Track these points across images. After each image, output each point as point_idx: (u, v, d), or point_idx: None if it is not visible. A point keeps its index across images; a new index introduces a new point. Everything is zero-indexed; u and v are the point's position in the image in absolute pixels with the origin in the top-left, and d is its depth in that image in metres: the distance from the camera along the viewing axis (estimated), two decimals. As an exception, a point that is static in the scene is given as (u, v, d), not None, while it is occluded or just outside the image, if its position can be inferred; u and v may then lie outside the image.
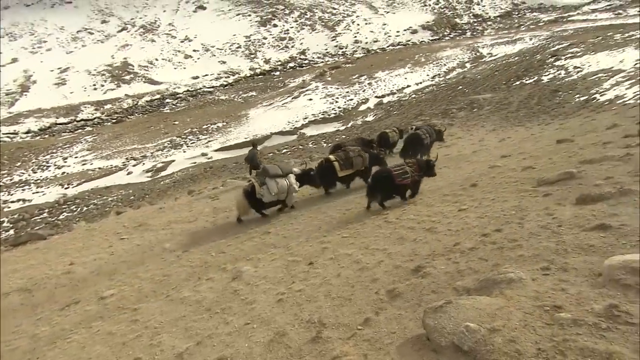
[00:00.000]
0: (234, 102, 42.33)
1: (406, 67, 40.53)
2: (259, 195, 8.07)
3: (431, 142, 11.20)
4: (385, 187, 6.52)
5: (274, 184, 8.04)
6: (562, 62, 27.32)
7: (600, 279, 2.40)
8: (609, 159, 5.77)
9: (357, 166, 8.93)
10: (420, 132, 10.96)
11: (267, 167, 8.42)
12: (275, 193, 8.07)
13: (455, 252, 3.68)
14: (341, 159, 8.72)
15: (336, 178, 8.90)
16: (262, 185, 8.06)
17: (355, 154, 8.92)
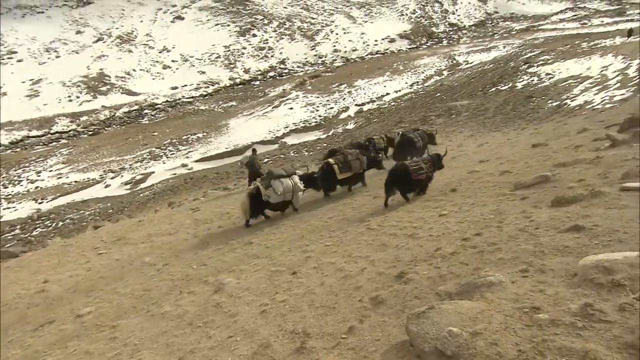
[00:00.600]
0: (214, 112, 42.05)
1: (385, 76, 41.14)
2: (266, 197, 8.25)
3: (424, 145, 11.46)
4: (402, 182, 6.72)
5: (279, 184, 8.26)
6: (534, 69, 28.24)
7: (575, 279, 2.46)
8: (581, 162, 5.96)
9: (356, 169, 9.22)
10: (412, 135, 11.28)
11: (271, 169, 8.75)
12: (282, 193, 8.26)
13: (436, 257, 3.72)
14: (340, 163, 8.97)
15: (336, 181, 9.16)
16: (268, 188, 8.24)
17: (354, 158, 9.20)
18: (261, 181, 8.62)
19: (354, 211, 7.30)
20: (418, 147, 11.12)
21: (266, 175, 8.65)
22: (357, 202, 8.00)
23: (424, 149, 11.38)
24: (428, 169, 6.79)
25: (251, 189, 8.61)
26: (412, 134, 11.37)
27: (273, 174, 8.43)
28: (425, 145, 11.57)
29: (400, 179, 6.71)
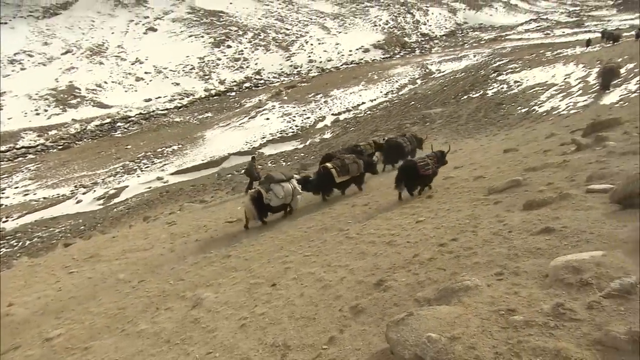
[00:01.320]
0: (189, 124, 41.52)
1: (360, 85, 41.73)
2: (267, 200, 8.45)
3: (412, 149, 11.95)
4: (411, 178, 7.09)
5: (280, 188, 8.53)
6: (503, 77, 29.26)
7: (547, 279, 2.53)
8: (549, 166, 6.19)
9: (353, 172, 9.43)
10: (401, 140, 11.84)
11: (271, 174, 8.98)
12: (282, 196, 8.53)
13: (414, 263, 3.76)
14: (338, 166, 9.18)
15: (334, 184, 9.35)
16: (268, 192, 8.47)
17: (351, 161, 9.42)
18: (261, 185, 8.81)
19: (333, 220, 7.31)
20: (406, 151, 11.66)
21: (266, 180, 8.85)
22: (336, 211, 8.01)
23: (413, 152, 11.93)
24: (433, 165, 7.21)
25: (253, 193, 8.78)
26: (400, 139, 11.91)
27: (273, 179, 8.65)
28: (414, 149, 12.12)
29: (409, 175, 7.07)
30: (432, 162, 7.16)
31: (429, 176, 7.21)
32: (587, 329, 1.90)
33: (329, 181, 9.24)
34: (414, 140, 12.36)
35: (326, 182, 9.29)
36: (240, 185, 19.64)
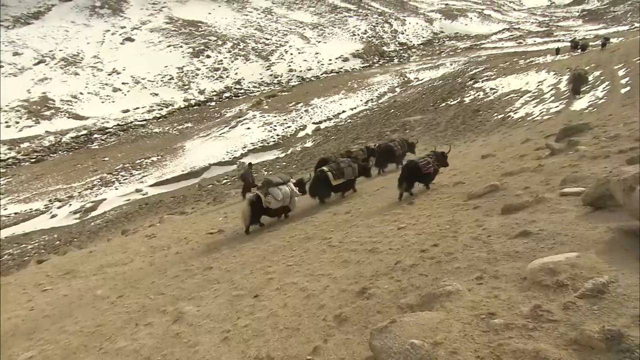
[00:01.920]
0: (168, 135, 40.96)
1: (340, 94, 42.10)
2: (266, 204, 8.64)
3: (403, 153, 12.56)
4: (413, 176, 7.42)
5: (278, 191, 8.72)
6: (480, 85, 30.04)
7: (525, 282, 2.58)
8: (526, 171, 6.35)
9: (349, 175, 9.71)
10: (392, 144, 12.43)
11: (269, 177, 9.18)
12: (281, 199, 8.72)
13: (397, 270, 3.77)
14: (334, 170, 9.42)
15: (331, 187, 9.57)
16: (267, 195, 8.63)
17: (346, 165, 9.70)
18: (260, 189, 8.97)
19: (315, 229, 7.29)
20: (397, 155, 12.33)
21: (264, 183, 9.01)
22: (318, 220, 8.00)
23: (404, 156, 12.51)
24: (434, 164, 7.59)
25: (251, 196, 8.98)
26: (391, 143, 12.54)
27: (271, 182, 8.84)
28: (405, 153, 12.71)
29: (412, 174, 7.39)
30: (432, 161, 7.53)
31: (430, 175, 7.55)
32: (564, 329, 1.95)
33: (325, 184, 9.46)
34: (405, 144, 12.91)
35: (323, 185, 9.51)
36: (220, 195, 19.44)
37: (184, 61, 61.13)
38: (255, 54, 64.41)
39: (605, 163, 5.34)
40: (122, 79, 57.11)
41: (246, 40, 67.39)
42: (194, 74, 59.05)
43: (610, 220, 3.12)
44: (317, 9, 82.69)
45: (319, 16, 79.80)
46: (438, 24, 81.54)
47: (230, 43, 66.02)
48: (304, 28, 73.58)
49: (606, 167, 4.95)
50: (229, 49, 64.62)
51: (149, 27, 68.59)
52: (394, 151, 12.27)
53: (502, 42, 64.67)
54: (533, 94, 22.88)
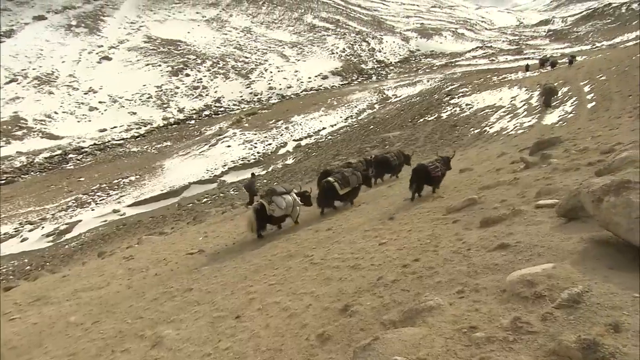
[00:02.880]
0: (147, 154, 40.31)
1: (320, 111, 42.51)
2: (270, 211, 9.00)
3: (400, 164, 13.45)
4: (423, 179, 7.91)
5: (282, 200, 9.10)
6: (456, 101, 30.87)
7: (505, 294, 2.61)
8: (502, 184, 6.51)
9: (353, 184, 10.11)
10: (388, 155, 13.27)
11: (273, 187, 9.68)
12: (284, 207, 9.11)
13: (379, 286, 3.77)
14: (339, 179, 9.78)
15: (337, 196, 9.92)
16: (271, 204, 9.00)
17: (350, 174, 10.11)
18: (264, 198, 9.35)
19: (297, 246, 7.24)
20: (394, 165, 13.20)
21: (268, 193, 9.41)
22: (300, 237, 7.96)
23: (400, 167, 13.54)
24: (442, 168, 8.15)
25: (256, 205, 9.31)
26: (388, 154, 13.40)
27: (275, 191, 9.25)
28: (402, 164, 13.56)
29: (422, 177, 7.89)
30: (440, 165, 8.10)
31: (438, 177, 8.07)
32: (543, 340, 1.97)
33: (332, 194, 9.79)
34: (401, 156, 13.68)
35: (330, 194, 9.84)
36: (200, 214, 19.14)
37: (162, 80, 60.74)
38: (235, 72, 64.64)
39: (576, 175, 5.53)
40: (99, 98, 56.20)
41: (226, 59, 67.64)
42: (173, 92, 58.66)
43: (583, 231, 3.22)
44: (296, 28, 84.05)
45: (297, 35, 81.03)
46: (414, 42, 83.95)
47: (210, 61, 66.13)
48: (283, 47, 74.48)
49: (577, 179, 5.12)
50: (209, 68, 64.67)
51: (126, 46, 68.11)
52: (390, 162, 13.01)
53: (475, 59, 66.99)
54: (507, 109, 23.65)
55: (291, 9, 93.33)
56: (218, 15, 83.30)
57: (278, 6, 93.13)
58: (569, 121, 16.24)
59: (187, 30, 75.21)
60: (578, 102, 19.01)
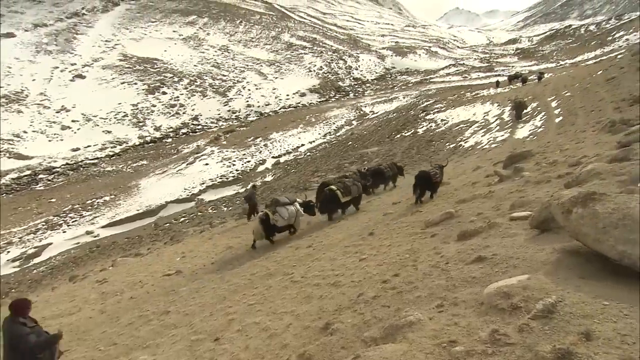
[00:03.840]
0: (122, 173, 39.35)
1: (299, 128, 42.70)
2: (274, 221, 9.38)
3: (394, 175, 14.27)
4: (425, 184, 8.56)
5: (285, 210, 9.50)
6: (431, 116, 31.60)
7: (483, 307, 2.65)
8: (478, 197, 6.66)
9: (354, 193, 10.69)
10: (383, 167, 14.13)
11: (277, 197, 10.16)
12: (287, 217, 9.50)
13: (360, 303, 3.76)
14: (341, 189, 10.33)
15: (339, 204, 10.43)
16: (274, 214, 9.38)
17: (351, 184, 10.72)
18: (268, 208, 9.76)
19: (277, 265, 7.17)
20: (387, 176, 14.00)
21: (272, 203, 9.83)
22: (280, 255, 7.88)
23: (395, 177, 14.40)
24: (440, 175, 9.00)
25: (261, 215, 9.74)
26: (382, 166, 14.27)
27: (279, 202, 9.68)
28: (396, 174, 14.42)
29: (424, 182, 8.57)
30: (439, 172, 8.90)
31: (438, 183, 8.93)
32: (520, 352, 2.00)
33: (335, 202, 10.31)
34: (395, 167, 14.55)
35: (333, 202, 10.33)
36: (178, 234, 18.73)
37: (138, 98, 59.85)
38: (212, 90, 64.40)
39: (547, 187, 5.71)
40: (71, 117, 54.75)
41: (203, 77, 67.42)
42: (149, 110, 57.82)
43: (555, 242, 3.31)
44: (274, 47, 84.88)
45: (275, 53, 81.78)
46: (389, 60, 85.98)
47: (187, 80, 65.74)
48: (260, 65, 74.95)
49: (548, 191, 5.29)
50: (186, 86, 64.24)
51: (101, 64, 67.02)
52: (384, 173, 13.81)
53: (449, 76, 69.04)
54: (480, 124, 24.36)
55: (268, 27, 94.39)
56: (195, 33, 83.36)
57: (255, 25, 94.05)
58: (539, 135, 16.85)
59: (164, 48, 74.79)
60: (547, 116, 19.78)
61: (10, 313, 4.46)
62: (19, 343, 4.33)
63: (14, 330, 4.38)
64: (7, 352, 4.39)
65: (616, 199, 2.60)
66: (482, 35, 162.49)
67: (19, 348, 4.34)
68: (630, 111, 12.79)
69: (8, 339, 4.37)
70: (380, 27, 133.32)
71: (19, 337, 4.35)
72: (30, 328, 4.46)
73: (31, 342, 4.34)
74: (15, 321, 4.43)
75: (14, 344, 4.34)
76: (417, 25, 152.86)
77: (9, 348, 4.38)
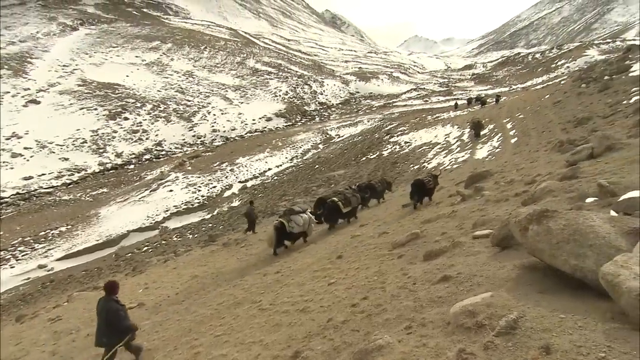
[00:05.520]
0: (80, 202, 37.51)
1: (265, 152, 42.63)
2: (290, 228, 10.06)
3: (383, 190, 15.51)
4: (421, 190, 9.77)
5: (299, 218, 10.25)
6: (395, 139, 32.51)
7: (449, 327, 2.68)
8: (442, 217, 6.83)
9: (354, 204, 11.75)
10: (374, 182, 15.34)
11: (291, 207, 10.99)
12: (301, 225, 10.23)
13: (329, 328, 3.70)
14: (342, 200, 11.27)
15: (341, 214, 11.39)
16: (290, 222, 10.05)
17: (351, 195, 11.72)
18: (283, 216, 10.36)
19: (245, 292, 6.98)
20: (379, 191, 15.18)
21: (286, 212, 10.53)
22: (248, 283, 7.69)
23: (384, 192, 15.65)
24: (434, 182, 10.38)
25: (277, 223, 10.29)
26: (374, 181, 15.49)
27: (293, 211, 10.44)
28: (384, 189, 15.66)
29: (420, 189, 9.74)
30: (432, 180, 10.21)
31: (432, 189, 10.17)
32: (487, 371, 2.03)
33: (337, 212, 11.23)
34: (385, 183, 15.89)
35: (334, 213, 11.26)
36: (140, 264, 17.92)
37: (99, 124, 57.84)
38: (177, 115, 63.38)
39: (506, 206, 5.95)
40: (24, 144, 51.93)
41: (167, 102, 66.35)
42: (110, 136, 55.93)
43: (515, 258, 3.43)
44: (239, 72, 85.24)
45: (240, 78, 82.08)
46: (353, 85, 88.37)
47: (150, 105, 64.44)
48: (226, 90, 74.84)
49: (507, 209, 5.51)
50: (149, 111, 62.89)
51: (58, 90, 64.55)
52: (376, 188, 14.92)
53: (411, 100, 71.71)
54: (442, 146, 25.29)
55: (233, 53, 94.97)
56: (158, 59, 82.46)
57: (220, 51, 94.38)
58: (497, 155, 17.67)
59: (126, 73, 73.27)
60: (503, 137, 20.84)
61: (105, 293, 5.48)
62: (114, 317, 5.27)
63: (110, 307, 5.32)
64: (103, 327, 5.29)
65: (567, 215, 2.75)
66: (441, 61, 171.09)
67: (113, 322, 5.27)
68: (575, 132, 13.73)
69: (105, 314, 5.28)
70: (343, 53, 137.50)
71: (114, 311, 5.30)
72: (121, 305, 5.50)
73: (123, 317, 5.38)
74: (108, 299, 5.41)
75: (110, 318, 5.25)
76: (379, 52, 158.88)
77: (105, 322, 5.27)
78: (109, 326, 5.24)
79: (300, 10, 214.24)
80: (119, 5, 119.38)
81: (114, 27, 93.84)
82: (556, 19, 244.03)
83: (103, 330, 5.28)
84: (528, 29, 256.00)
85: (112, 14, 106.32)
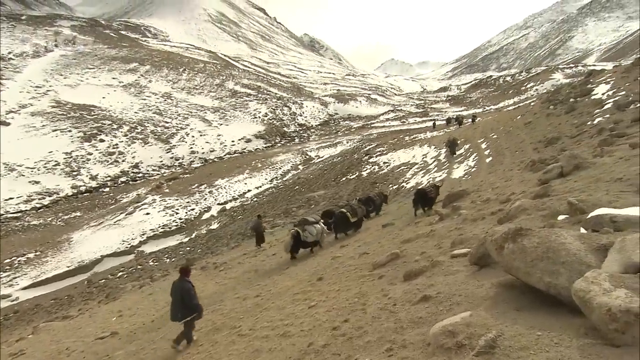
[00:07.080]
0: (51, 227, 36.09)
1: (245, 173, 42.39)
2: (304, 237, 10.66)
3: (380, 202, 16.38)
4: (423, 199, 10.99)
5: (313, 228, 10.88)
6: (374, 159, 32.93)
7: (430, 347, 2.67)
8: (421, 237, 6.89)
9: (360, 214, 12.72)
10: (372, 195, 16.24)
11: (305, 217, 11.61)
12: (315, 234, 10.86)
13: (310, 353, 3.63)
14: (349, 211, 12.21)
15: (349, 224, 12.29)
16: (305, 231, 10.66)
17: (357, 206, 12.79)
18: (298, 226, 10.91)
19: (224, 318, 6.79)
20: (377, 204, 15.98)
21: (301, 222, 11.08)
22: (227, 307, 7.50)
23: (381, 204, 16.48)
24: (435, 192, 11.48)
25: (293, 232, 10.83)
26: (371, 194, 16.41)
27: (307, 221, 11.03)
28: (382, 203, 16.57)
29: (422, 197, 10.87)
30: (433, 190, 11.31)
31: (433, 198, 11.19)
32: (467, 392, 2.02)
33: (345, 222, 12.12)
34: (382, 196, 17.01)
35: (343, 222, 12.14)
36: (115, 290, 17.26)
37: (73, 146, 56.39)
38: (154, 137, 62.54)
39: (482, 224, 6.07)
40: (-9, 168, 50.07)
41: (144, 124, 65.50)
42: (84, 159, 54.51)
43: (493, 277, 3.48)
44: (218, 94, 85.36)
45: (219, 100, 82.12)
46: (332, 106, 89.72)
47: (127, 126, 63.43)
48: (205, 111, 74.62)
49: (484, 228, 5.62)
50: (126, 133, 61.85)
51: (29, 111, 62.85)
52: (374, 200, 15.75)
53: (388, 121, 73.22)
54: (420, 166, 25.76)
55: (212, 75, 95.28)
56: (136, 80, 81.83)
57: (199, 73, 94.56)
58: (472, 174, 18.10)
59: (102, 95, 72.21)
60: (478, 157, 21.41)
61: (180, 275, 6.50)
62: (187, 295, 6.17)
63: (184, 286, 6.28)
64: (177, 304, 6.17)
65: (540, 233, 2.82)
66: (417, 84, 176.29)
67: (185, 300, 6.15)
68: (546, 151, 14.25)
69: (179, 293, 6.20)
70: (322, 75, 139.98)
71: (188, 290, 6.23)
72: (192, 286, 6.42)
73: (193, 296, 6.28)
74: (182, 280, 6.40)
75: (185, 296, 6.16)
76: (357, 74, 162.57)
77: (179, 300, 6.16)
78: (182, 303, 6.14)
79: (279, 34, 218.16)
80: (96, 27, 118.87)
81: (90, 49, 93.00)
82: (524, 44, 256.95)
83: (179, 306, 6.13)
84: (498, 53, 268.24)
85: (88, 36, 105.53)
